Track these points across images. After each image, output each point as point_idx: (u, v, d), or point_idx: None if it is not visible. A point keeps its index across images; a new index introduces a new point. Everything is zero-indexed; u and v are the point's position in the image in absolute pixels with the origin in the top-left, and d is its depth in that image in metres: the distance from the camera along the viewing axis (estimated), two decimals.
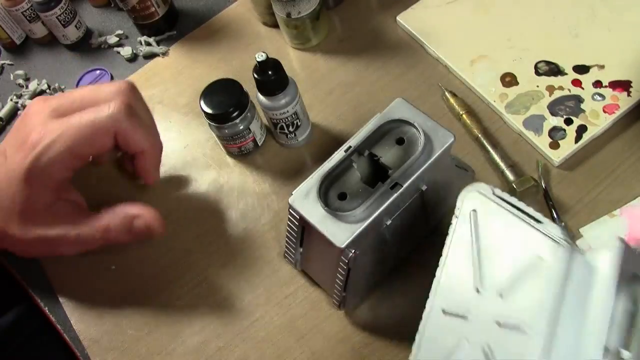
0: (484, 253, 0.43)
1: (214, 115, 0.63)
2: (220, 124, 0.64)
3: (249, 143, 0.66)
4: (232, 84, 0.65)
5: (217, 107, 0.63)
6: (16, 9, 0.83)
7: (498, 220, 0.43)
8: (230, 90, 0.64)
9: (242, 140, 0.65)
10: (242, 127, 0.64)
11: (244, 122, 0.64)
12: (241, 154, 0.68)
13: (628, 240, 0.54)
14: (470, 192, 0.45)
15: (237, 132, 0.64)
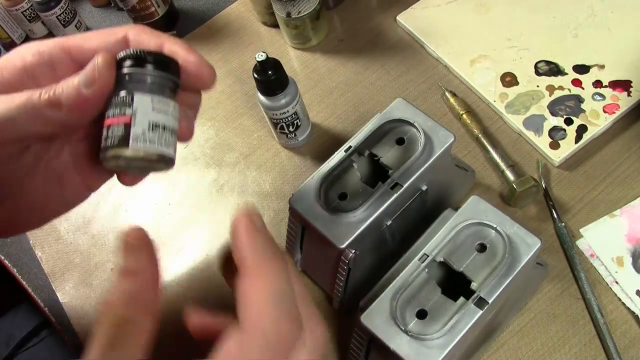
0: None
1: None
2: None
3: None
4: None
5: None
6: (16, 9, 0.83)
7: None
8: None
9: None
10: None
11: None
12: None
13: (628, 241, 0.54)
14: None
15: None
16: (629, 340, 0.50)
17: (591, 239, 0.55)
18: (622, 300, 0.51)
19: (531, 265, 0.46)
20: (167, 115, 0.34)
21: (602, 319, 0.50)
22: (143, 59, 0.34)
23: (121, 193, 0.71)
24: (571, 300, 0.53)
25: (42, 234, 0.70)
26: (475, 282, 0.44)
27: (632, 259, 0.53)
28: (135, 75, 0.34)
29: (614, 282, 0.52)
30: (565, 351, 0.51)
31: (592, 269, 0.54)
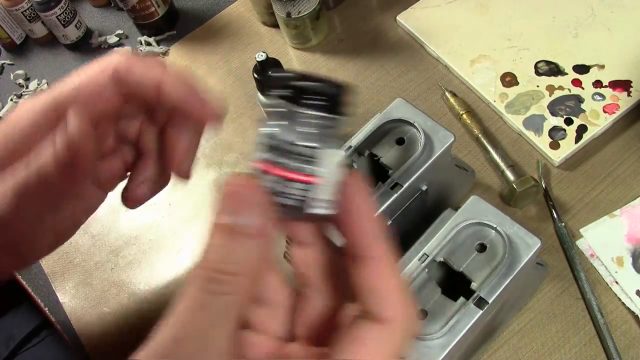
0: None
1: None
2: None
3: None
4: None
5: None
6: (16, 9, 0.83)
7: None
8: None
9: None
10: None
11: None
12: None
13: (628, 241, 0.54)
14: None
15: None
16: (629, 340, 0.50)
17: (591, 239, 0.55)
18: (622, 300, 0.51)
19: (531, 265, 0.46)
20: (342, 168, 0.26)
21: (602, 319, 0.50)
22: (335, 100, 0.26)
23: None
24: (571, 300, 0.53)
25: None
26: (475, 282, 0.44)
27: (632, 259, 0.53)
28: (325, 122, 0.25)
29: (614, 282, 0.52)
30: (565, 351, 0.51)
31: (592, 269, 0.54)
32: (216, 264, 0.22)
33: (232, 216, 0.23)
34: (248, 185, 0.23)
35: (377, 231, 0.25)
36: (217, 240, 0.23)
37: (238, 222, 0.23)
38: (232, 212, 0.23)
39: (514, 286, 0.45)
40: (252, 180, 0.24)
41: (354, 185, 0.25)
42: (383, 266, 0.24)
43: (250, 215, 0.23)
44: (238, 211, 0.23)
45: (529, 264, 0.45)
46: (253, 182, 0.24)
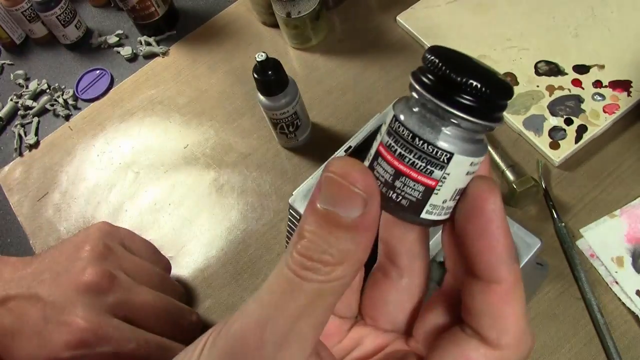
0: None
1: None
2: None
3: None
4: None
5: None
6: (16, 8, 0.83)
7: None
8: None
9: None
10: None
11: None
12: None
13: (628, 241, 0.54)
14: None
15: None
16: (629, 340, 0.50)
17: (591, 239, 0.55)
18: (622, 300, 0.51)
19: (531, 265, 0.46)
20: (473, 175, 0.23)
21: (602, 319, 0.50)
22: (492, 105, 0.22)
23: (121, 193, 0.71)
24: (571, 300, 0.53)
25: (42, 234, 0.70)
26: None
27: (632, 259, 0.53)
28: (472, 126, 0.22)
29: (614, 282, 0.52)
30: (565, 351, 0.51)
31: (592, 269, 0.54)
32: (310, 251, 0.20)
33: (331, 205, 0.20)
34: (356, 171, 0.20)
35: (506, 252, 0.21)
36: (313, 226, 0.20)
37: (338, 212, 0.20)
38: (332, 200, 0.20)
39: None
40: (361, 167, 0.21)
41: (486, 196, 0.22)
42: (507, 292, 0.22)
43: (352, 207, 0.20)
44: (339, 201, 0.20)
45: (529, 264, 0.45)
46: (362, 169, 0.20)
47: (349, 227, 0.20)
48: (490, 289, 0.22)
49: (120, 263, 0.50)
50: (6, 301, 0.47)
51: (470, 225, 0.22)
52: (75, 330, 0.44)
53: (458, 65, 0.22)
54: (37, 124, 0.80)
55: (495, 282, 0.21)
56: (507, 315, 0.22)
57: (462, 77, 0.21)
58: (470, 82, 0.21)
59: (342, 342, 0.26)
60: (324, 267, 0.20)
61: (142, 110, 0.77)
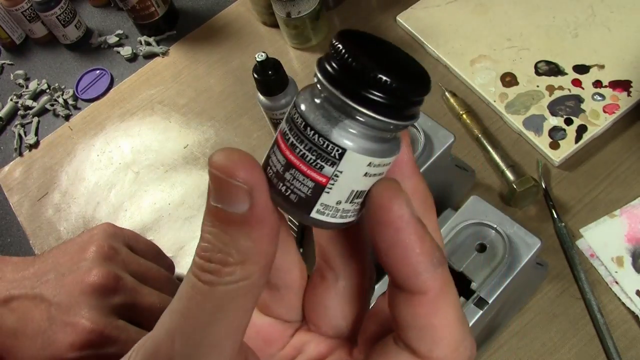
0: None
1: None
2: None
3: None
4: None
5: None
6: (16, 8, 0.83)
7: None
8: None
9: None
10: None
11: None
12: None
13: (628, 241, 0.54)
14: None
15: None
16: (629, 340, 0.50)
17: (591, 239, 0.55)
18: (622, 300, 0.51)
19: (531, 265, 0.46)
20: (376, 177, 0.20)
21: (602, 319, 0.50)
22: (404, 102, 0.19)
23: (121, 193, 0.71)
24: (571, 300, 0.53)
25: (42, 234, 0.70)
26: (475, 282, 0.44)
27: (632, 259, 0.53)
28: (366, 121, 0.19)
29: (614, 282, 0.52)
30: (565, 351, 0.51)
31: (592, 269, 0.54)
32: (208, 253, 0.19)
33: (219, 202, 0.19)
34: (235, 162, 0.19)
35: (426, 259, 0.19)
36: (209, 225, 0.19)
37: (225, 208, 0.19)
38: (219, 196, 0.19)
39: (514, 286, 0.45)
40: (241, 155, 0.19)
41: (389, 203, 0.19)
42: (434, 301, 0.19)
43: (238, 202, 0.19)
44: (224, 197, 0.19)
45: (529, 264, 0.45)
46: (241, 158, 0.19)
47: (240, 223, 0.19)
48: (414, 300, 0.19)
49: (125, 264, 0.50)
50: (9, 301, 0.47)
51: (380, 238, 0.19)
52: (80, 331, 0.44)
53: (367, 54, 0.18)
54: (37, 124, 0.80)
55: (418, 293, 0.19)
56: (437, 326, 0.19)
57: (369, 68, 0.18)
58: (377, 75, 0.18)
59: (284, 349, 0.25)
60: (225, 269, 0.19)
61: (142, 110, 0.77)
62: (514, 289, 0.46)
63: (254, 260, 0.19)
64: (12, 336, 0.46)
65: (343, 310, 0.24)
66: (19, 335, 0.46)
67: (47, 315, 0.46)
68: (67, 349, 0.44)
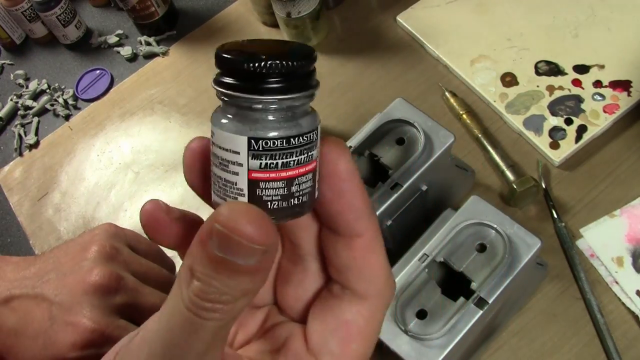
0: None
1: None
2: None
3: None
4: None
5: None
6: (16, 8, 0.83)
7: None
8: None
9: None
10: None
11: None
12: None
13: (628, 241, 0.54)
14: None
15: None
16: (629, 340, 0.50)
17: (591, 239, 0.55)
18: (622, 300, 0.51)
19: (531, 265, 0.46)
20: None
21: (602, 319, 0.50)
22: (302, 75, 0.22)
23: (121, 193, 0.71)
24: (571, 300, 0.53)
25: (42, 234, 0.70)
26: (475, 282, 0.44)
27: (632, 259, 0.53)
28: (300, 101, 0.22)
29: (614, 282, 0.52)
30: (565, 351, 0.51)
31: (592, 269, 0.54)
32: (208, 295, 0.19)
33: (228, 255, 0.19)
34: (251, 224, 0.19)
35: (364, 206, 0.22)
36: (208, 269, 0.19)
37: (236, 260, 0.19)
38: (229, 252, 0.19)
39: (514, 286, 0.45)
40: (255, 214, 0.19)
41: (337, 158, 0.22)
42: (368, 244, 0.23)
43: (251, 256, 0.19)
44: (236, 252, 0.19)
45: (529, 264, 0.45)
46: (257, 217, 0.19)
47: (249, 272, 0.19)
48: (353, 243, 0.22)
49: (127, 264, 0.50)
50: (10, 301, 0.47)
51: (327, 187, 0.22)
52: (82, 331, 0.44)
53: (246, 56, 0.20)
54: (37, 124, 0.80)
55: (357, 236, 0.22)
56: (372, 265, 0.23)
57: (254, 63, 0.20)
58: (266, 66, 0.20)
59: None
60: (225, 307, 0.20)
61: (142, 110, 0.77)
62: (514, 289, 0.46)
63: (250, 296, 0.20)
64: (12, 336, 0.46)
65: (267, 284, 0.26)
66: (19, 335, 0.46)
67: (49, 314, 0.46)
68: (69, 348, 0.44)
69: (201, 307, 0.19)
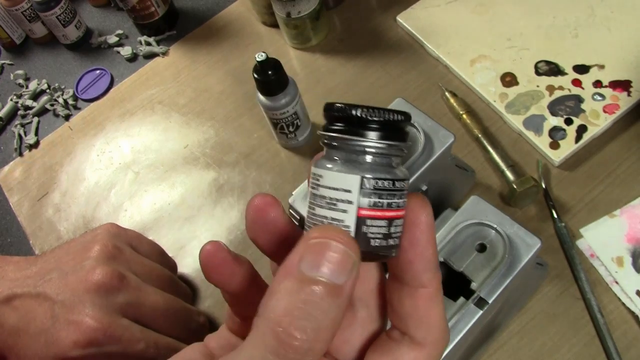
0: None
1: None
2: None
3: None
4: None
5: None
6: (16, 8, 0.83)
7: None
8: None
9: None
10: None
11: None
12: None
13: (628, 241, 0.54)
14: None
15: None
16: (629, 340, 0.50)
17: (591, 239, 0.55)
18: (622, 300, 0.51)
19: (531, 265, 0.46)
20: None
21: (602, 319, 0.50)
22: (402, 126, 0.24)
23: (121, 193, 0.71)
24: (571, 300, 0.53)
25: (42, 234, 0.70)
26: (475, 282, 0.44)
27: (632, 259, 0.53)
28: (398, 151, 0.24)
29: (614, 282, 0.52)
30: (565, 351, 0.51)
31: (592, 269, 0.54)
32: (290, 320, 0.20)
33: (319, 270, 0.21)
34: (341, 238, 0.21)
35: (432, 258, 0.24)
36: (297, 293, 0.20)
37: (326, 277, 0.21)
38: (320, 265, 0.21)
39: (514, 286, 0.45)
40: (345, 234, 0.22)
41: (420, 210, 0.24)
42: (432, 296, 0.24)
43: (341, 272, 0.21)
44: (328, 266, 0.21)
45: (529, 264, 0.45)
46: (346, 236, 0.21)
47: (333, 293, 0.21)
48: (417, 293, 0.24)
49: (129, 264, 0.50)
50: (11, 300, 0.47)
51: (405, 236, 0.23)
52: (84, 330, 0.44)
53: (366, 108, 0.24)
54: (37, 124, 0.80)
55: (422, 287, 0.24)
56: (432, 315, 0.24)
57: (381, 114, 0.23)
58: (390, 115, 0.23)
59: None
60: (302, 343, 0.20)
61: (142, 110, 0.77)
62: (514, 289, 0.46)
63: (328, 333, 0.21)
64: (14, 334, 0.46)
65: (361, 341, 0.26)
66: (21, 334, 0.46)
67: (51, 313, 0.46)
68: (71, 347, 0.44)
69: (277, 339, 0.20)
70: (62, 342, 0.44)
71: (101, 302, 0.46)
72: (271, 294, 0.21)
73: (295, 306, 0.20)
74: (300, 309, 0.20)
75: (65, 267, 0.48)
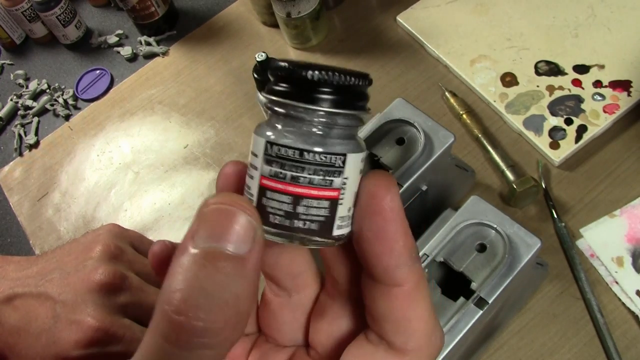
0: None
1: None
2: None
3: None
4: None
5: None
6: (16, 8, 0.83)
7: None
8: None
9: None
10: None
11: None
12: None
13: (628, 241, 0.54)
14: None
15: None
16: (629, 340, 0.50)
17: (591, 239, 0.55)
18: (622, 300, 0.51)
19: (531, 265, 0.46)
20: (361, 175, 0.21)
21: (602, 319, 0.50)
22: (353, 92, 0.20)
23: (121, 193, 0.71)
24: (571, 300, 0.53)
25: (42, 234, 0.70)
26: (475, 282, 0.44)
27: (632, 259, 0.53)
28: (343, 120, 0.20)
29: (614, 282, 0.52)
30: (565, 351, 0.51)
31: (592, 269, 0.54)
32: (186, 301, 0.17)
33: (216, 241, 0.18)
34: (239, 203, 0.18)
35: (406, 253, 0.20)
36: (190, 269, 0.18)
37: (223, 247, 0.18)
38: (217, 235, 0.18)
39: (514, 286, 0.45)
40: (245, 200, 0.19)
41: (383, 193, 0.20)
42: (408, 295, 0.20)
43: (241, 240, 0.18)
44: (225, 235, 0.18)
45: (529, 264, 0.45)
46: (245, 202, 0.19)
47: (236, 263, 0.18)
48: (391, 292, 0.20)
49: (131, 264, 0.50)
50: (12, 299, 0.47)
51: (367, 227, 0.20)
52: (86, 329, 0.44)
53: (309, 66, 0.20)
54: (37, 124, 0.80)
55: (396, 285, 0.20)
56: (412, 319, 0.20)
57: (320, 73, 0.19)
58: (330, 74, 0.19)
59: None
60: (203, 324, 0.18)
61: (142, 110, 0.77)
62: (514, 289, 0.46)
63: (236, 312, 0.18)
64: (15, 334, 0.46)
65: (298, 321, 0.24)
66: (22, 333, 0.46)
67: (52, 313, 0.46)
68: (72, 346, 0.44)
69: (173, 324, 0.18)
70: (63, 342, 0.44)
71: (103, 302, 0.46)
72: (168, 275, 0.18)
73: (188, 282, 0.17)
74: (192, 285, 0.17)
75: (66, 267, 0.48)
